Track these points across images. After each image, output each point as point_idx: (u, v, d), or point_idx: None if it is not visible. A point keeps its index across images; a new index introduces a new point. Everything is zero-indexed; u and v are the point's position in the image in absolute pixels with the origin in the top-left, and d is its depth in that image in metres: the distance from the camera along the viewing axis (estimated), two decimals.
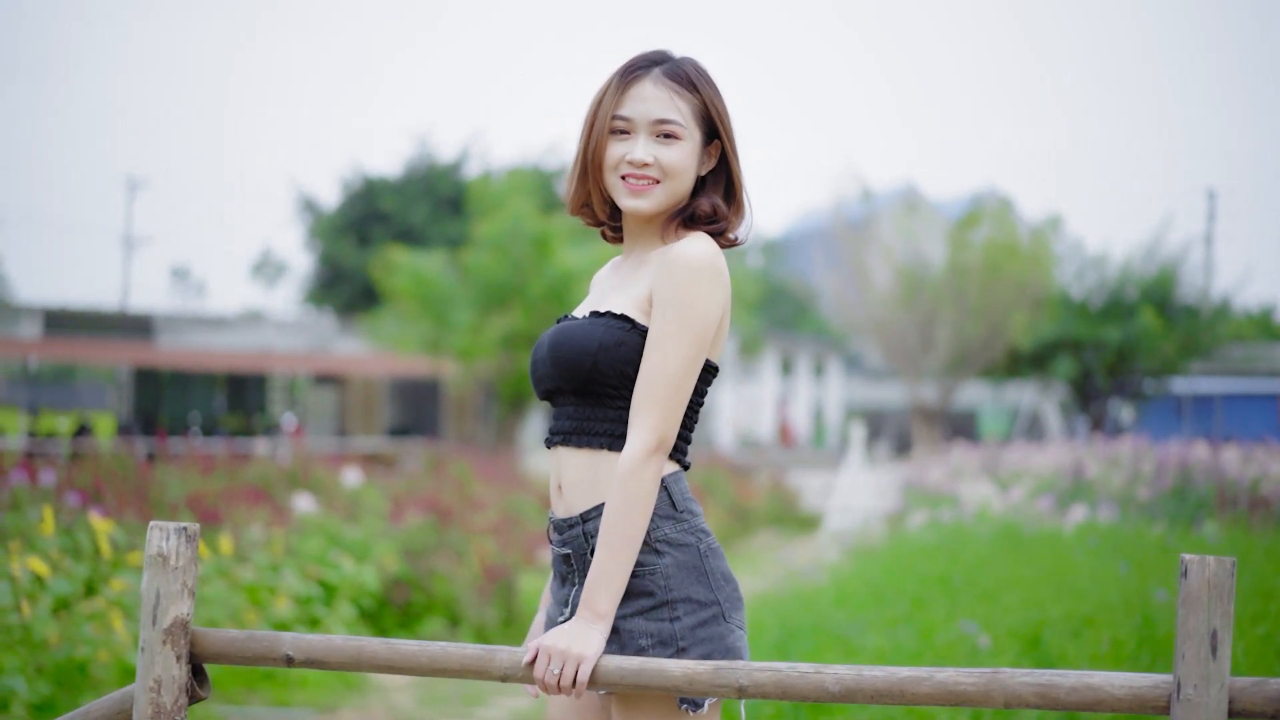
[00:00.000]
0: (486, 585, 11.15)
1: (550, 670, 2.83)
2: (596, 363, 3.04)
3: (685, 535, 3.04)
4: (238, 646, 2.87)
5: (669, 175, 3.11)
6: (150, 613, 2.84)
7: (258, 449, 24.14)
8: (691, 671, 2.76)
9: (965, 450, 24.84)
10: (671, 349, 2.98)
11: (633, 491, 2.92)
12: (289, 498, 12.42)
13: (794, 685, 2.66)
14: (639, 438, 2.95)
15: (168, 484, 12.04)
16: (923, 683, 2.59)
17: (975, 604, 8.28)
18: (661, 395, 2.97)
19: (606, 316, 3.09)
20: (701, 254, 3.03)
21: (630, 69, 3.14)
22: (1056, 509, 16.49)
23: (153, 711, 2.77)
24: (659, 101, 3.10)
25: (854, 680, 2.63)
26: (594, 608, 2.89)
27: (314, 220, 43.25)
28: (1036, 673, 2.56)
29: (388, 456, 29.29)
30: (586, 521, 3.06)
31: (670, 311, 2.99)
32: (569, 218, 27.99)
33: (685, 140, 3.11)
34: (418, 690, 8.93)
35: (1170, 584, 8.50)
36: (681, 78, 3.12)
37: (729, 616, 3.02)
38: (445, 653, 2.83)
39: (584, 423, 3.09)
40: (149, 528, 2.85)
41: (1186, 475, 17.65)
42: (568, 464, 3.12)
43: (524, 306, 27.62)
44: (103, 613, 7.29)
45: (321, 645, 2.83)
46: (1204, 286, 38.31)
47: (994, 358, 34.32)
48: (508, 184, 29.99)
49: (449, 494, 14.59)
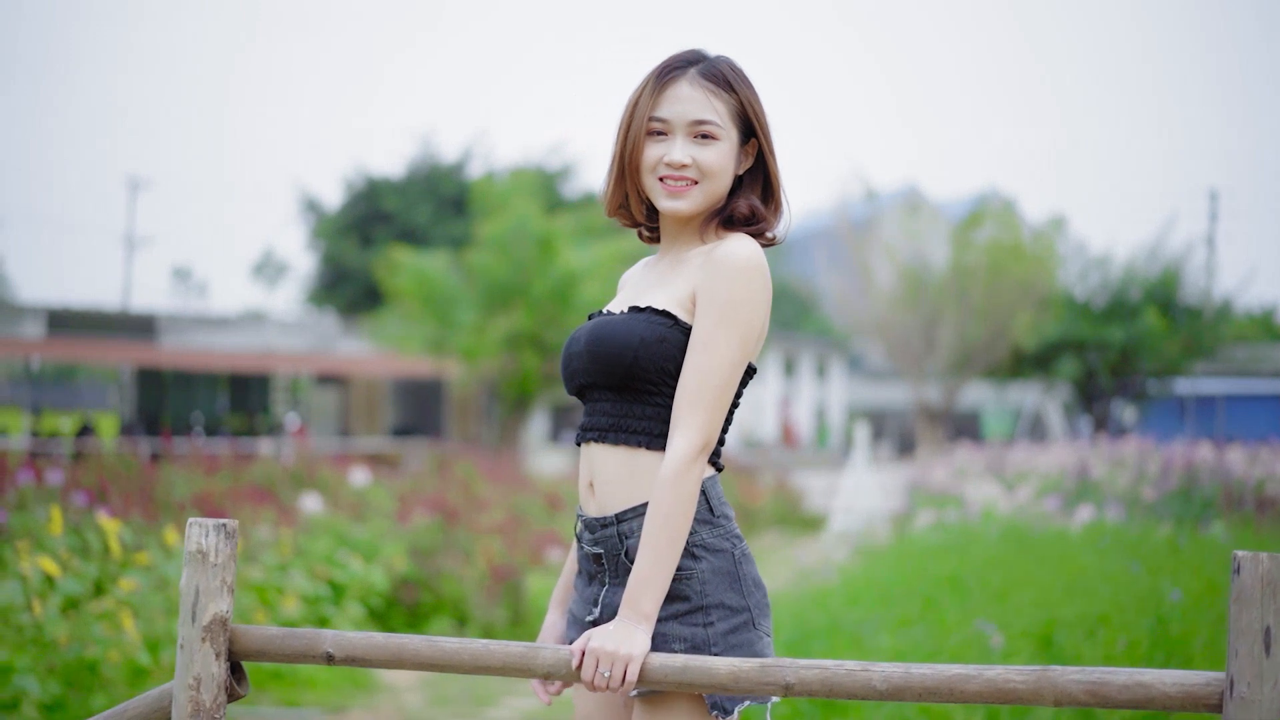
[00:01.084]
0: (494, 585, 11.13)
1: (600, 672, 2.80)
2: (638, 358, 3.00)
3: (721, 540, 3.02)
4: (277, 644, 2.84)
5: (707, 176, 3.08)
6: (189, 610, 2.80)
7: (262, 449, 24.13)
8: (737, 669, 2.73)
9: (970, 451, 24.82)
10: (719, 350, 2.95)
11: (681, 494, 2.89)
12: (294, 498, 12.42)
13: (841, 683, 2.63)
14: (686, 439, 2.91)
15: (173, 484, 12.03)
16: (972, 680, 2.56)
17: (986, 604, 8.25)
18: (708, 396, 2.94)
19: (647, 312, 3.05)
20: (749, 255, 3.00)
21: (666, 70, 3.11)
22: (1063, 509, 16.47)
23: (192, 709, 2.74)
24: (696, 102, 3.07)
25: (902, 678, 2.60)
26: (639, 609, 2.85)
27: (317, 220, 43.24)
28: (1087, 670, 2.52)
29: (391, 457, 29.28)
30: (622, 522, 3.03)
31: (717, 312, 2.96)
32: (572, 218, 28.16)
33: (723, 140, 3.08)
34: (427, 690, 8.90)
35: (1183, 583, 8.46)
36: (718, 78, 3.10)
37: (758, 623, 3.01)
38: (488, 651, 2.80)
39: (621, 419, 3.05)
40: (187, 524, 2.81)
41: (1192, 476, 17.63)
42: (602, 461, 3.08)
43: (527, 306, 27.60)
44: (112, 612, 7.26)
45: (362, 642, 2.80)
46: (1206, 287, 38.28)
47: (997, 358, 34.29)
48: (511, 184, 29.96)
49: (454, 494, 14.58)
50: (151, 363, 34.93)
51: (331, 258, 42.34)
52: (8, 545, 7.72)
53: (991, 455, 22.66)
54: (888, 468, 32.32)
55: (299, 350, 38.35)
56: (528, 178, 30.74)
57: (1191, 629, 7.03)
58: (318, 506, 11.42)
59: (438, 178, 42.17)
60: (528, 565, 12.16)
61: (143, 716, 2.84)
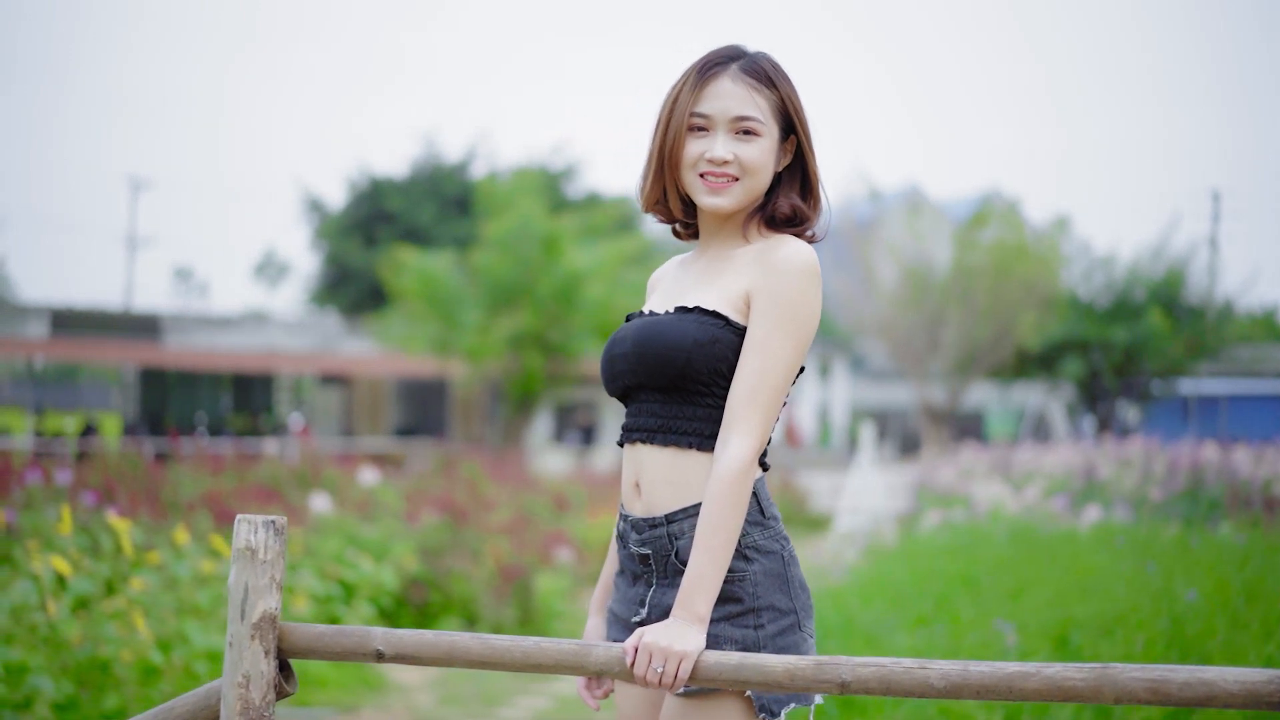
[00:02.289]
0: (503, 585, 11.11)
1: (652, 667, 2.78)
2: (690, 359, 2.98)
3: (771, 542, 3.01)
4: (326, 641, 2.81)
5: (748, 172, 3.06)
6: (238, 607, 2.77)
7: (267, 449, 24.11)
8: (793, 667, 2.70)
9: (975, 451, 24.79)
10: (778, 352, 2.94)
11: (738, 496, 2.87)
12: (300, 498, 12.40)
13: (898, 681, 2.61)
14: (744, 441, 2.90)
15: (180, 484, 12.01)
16: (1030, 678, 2.54)
17: (1000, 603, 8.23)
18: (764, 398, 2.92)
19: (696, 312, 3.03)
20: (808, 259, 3.00)
21: (707, 65, 3.09)
22: (1071, 509, 16.45)
23: (241, 707, 2.71)
24: (737, 98, 3.05)
25: (960, 676, 2.58)
26: (693, 609, 2.83)
27: (320, 221, 43.22)
28: (1148, 668, 2.50)
29: (395, 457, 29.25)
30: (672, 523, 3.00)
31: (777, 314, 2.95)
32: (576, 218, 28.18)
33: (764, 137, 3.06)
34: (437, 690, 8.88)
35: (1196, 583, 8.44)
36: (760, 74, 3.07)
37: (804, 625, 3.01)
38: (539, 648, 2.77)
39: (671, 420, 3.02)
40: (236, 521, 2.79)
41: (1198, 476, 17.62)
42: (649, 462, 3.05)
43: (532, 306, 27.60)
44: (124, 612, 7.24)
45: (413, 640, 2.77)
46: (1209, 287, 38.26)
47: (1002, 358, 34.27)
48: (515, 184, 29.96)
49: (461, 494, 14.56)
50: (155, 363, 34.92)
51: (335, 258, 42.33)
52: (17, 545, 7.71)
53: (997, 455, 22.63)
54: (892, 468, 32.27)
55: (302, 350, 38.33)
56: (531, 178, 30.74)
57: (1208, 628, 7.01)
58: (327, 506, 11.39)
59: (441, 178, 42.16)
60: (536, 565, 12.15)
61: (190, 714, 2.82)
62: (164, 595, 7.77)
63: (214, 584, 8.24)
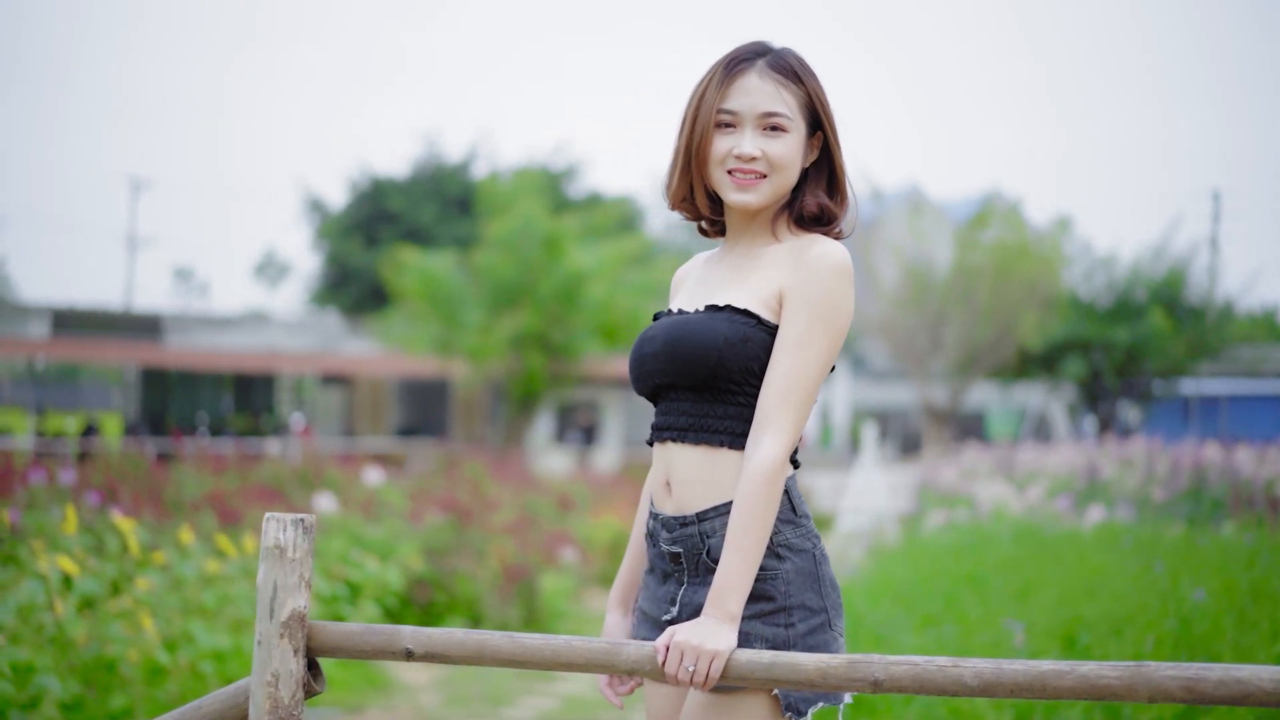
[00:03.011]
0: (507, 585, 11.10)
1: (684, 666, 2.77)
2: (722, 358, 2.97)
3: (803, 540, 3.01)
4: (355, 640, 2.80)
5: (776, 169, 3.05)
6: (267, 605, 2.76)
7: (269, 449, 24.10)
8: (825, 665, 2.69)
9: (977, 451, 24.79)
10: (810, 352, 2.93)
11: (770, 495, 2.86)
12: (303, 497, 12.39)
13: (931, 679, 2.60)
14: (776, 441, 2.89)
15: (183, 484, 12.00)
16: (1065, 676, 2.53)
17: (1007, 603, 8.23)
18: (797, 397, 2.92)
19: (727, 310, 3.03)
20: (842, 259, 3.00)
21: (734, 61, 3.08)
22: (1074, 510, 16.44)
23: (270, 705, 2.70)
24: (765, 94, 3.04)
25: (994, 674, 2.57)
26: (725, 608, 2.83)
27: (321, 220, 43.21)
28: (1182, 666, 2.49)
29: (396, 457, 29.22)
30: (703, 521, 3.00)
31: (812, 314, 2.94)
32: (578, 218, 28.16)
33: (792, 133, 3.05)
34: (443, 690, 8.87)
35: (1203, 583, 8.43)
36: (786, 69, 3.06)
37: (834, 623, 3.01)
38: (570, 647, 2.76)
39: (702, 419, 3.02)
40: (264, 519, 2.79)
41: (1201, 476, 17.63)
42: (680, 461, 3.05)
43: (534, 306, 27.59)
44: (130, 611, 7.23)
45: (442, 639, 2.76)
46: (1209, 288, 38.28)
47: (1003, 358, 34.27)
48: (516, 184, 29.95)
49: (464, 494, 14.54)
50: (156, 363, 34.91)
51: (336, 258, 42.31)
52: (22, 545, 7.71)
53: (999, 455, 22.63)
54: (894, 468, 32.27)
55: (304, 350, 38.32)
56: (532, 178, 30.74)
57: (1216, 629, 7.00)
58: (331, 506, 11.38)
59: (442, 178, 42.14)
60: (541, 565, 12.14)
61: (218, 713, 2.81)
62: (169, 595, 7.77)
63: (219, 584, 8.23)
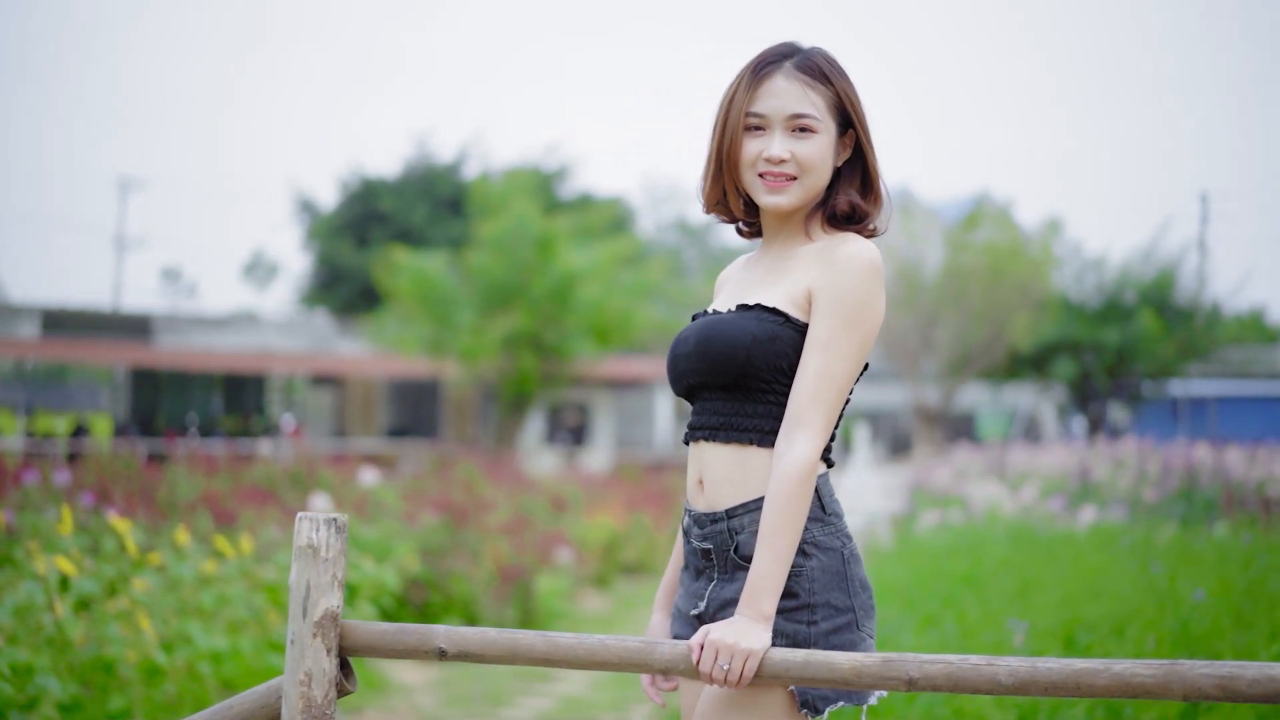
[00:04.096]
0: (503, 586, 11.11)
1: (719, 665, 2.78)
2: (750, 356, 2.99)
3: (832, 539, 3.01)
4: (388, 639, 2.80)
5: (806, 170, 3.06)
6: (300, 605, 2.77)
7: (261, 450, 24.08)
8: (860, 664, 2.70)
9: (969, 452, 24.84)
10: (841, 350, 2.95)
11: (801, 495, 2.88)
12: (295, 498, 12.37)
13: (966, 678, 2.60)
14: (807, 441, 2.91)
15: (175, 485, 11.98)
16: (1099, 675, 2.53)
17: (1007, 604, 8.24)
18: (829, 397, 2.94)
19: (757, 310, 3.04)
20: (871, 257, 3.01)
21: (762, 64, 3.09)
22: (1067, 510, 16.47)
23: (303, 705, 2.70)
24: (793, 96, 3.04)
25: (1028, 673, 2.57)
26: (759, 608, 2.83)
27: (312, 221, 43.17)
28: (1217, 664, 2.49)
29: (387, 457, 29.21)
30: (732, 518, 3.01)
31: (841, 312, 2.96)
32: (570, 218, 28.19)
33: (821, 134, 3.06)
34: (441, 691, 8.87)
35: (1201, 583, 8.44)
36: (814, 70, 3.07)
37: (861, 624, 3.01)
38: (604, 646, 2.76)
39: (732, 418, 3.04)
40: (297, 519, 2.79)
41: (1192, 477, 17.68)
42: (712, 459, 3.06)
43: (526, 307, 27.60)
44: (128, 612, 7.22)
45: (476, 638, 2.76)
46: (1197, 289, 38.41)
47: (994, 359, 34.35)
48: (508, 184, 29.97)
49: (458, 495, 14.53)
50: (147, 363, 34.87)
51: (327, 258, 42.27)
52: (17, 545, 7.69)
53: (991, 456, 22.68)
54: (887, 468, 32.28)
55: (294, 351, 38.29)
56: (524, 178, 30.76)
57: (1215, 628, 7.02)
58: (326, 507, 11.37)
59: (434, 178, 42.11)
60: (536, 566, 12.13)
61: (250, 712, 2.81)
62: (166, 596, 7.75)
63: (216, 585, 8.22)
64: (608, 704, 8.66)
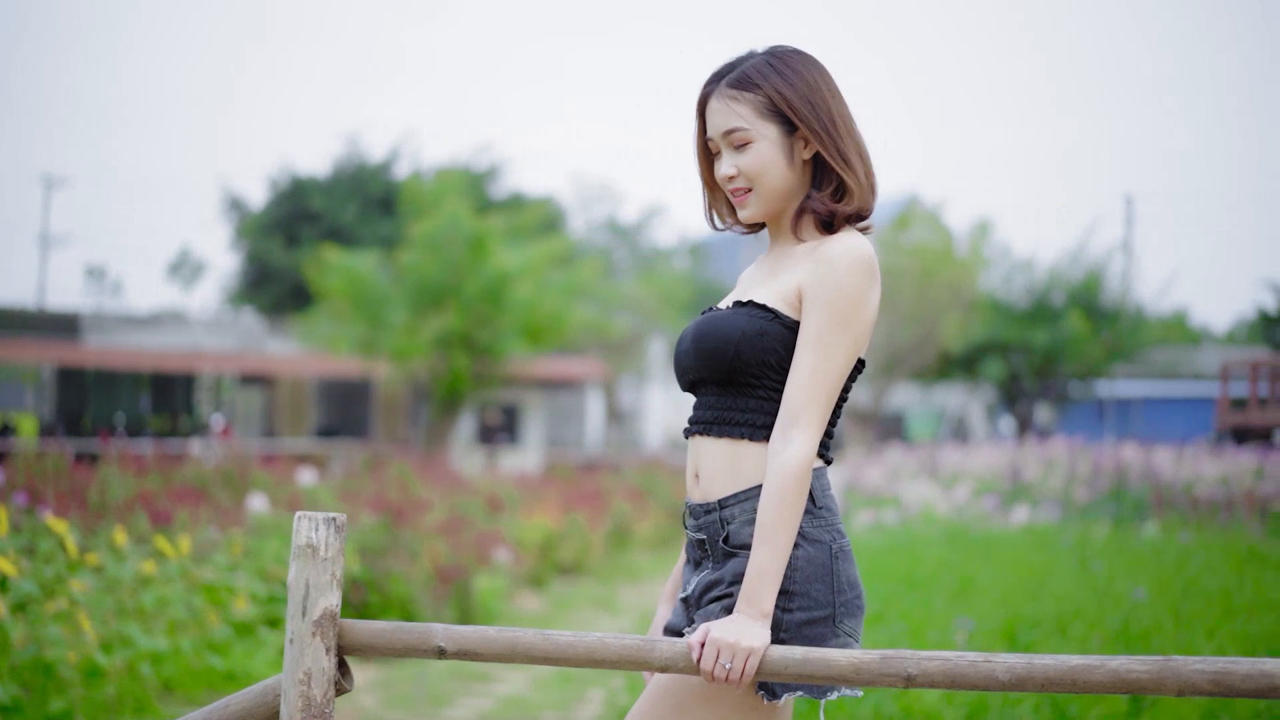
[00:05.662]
0: (441, 586, 11.07)
1: (720, 663, 2.81)
2: (739, 351, 3.05)
3: (821, 532, 3.04)
4: (386, 638, 2.80)
5: (754, 179, 3.14)
6: (299, 604, 2.77)
7: (191, 450, 23.85)
8: (859, 661, 2.72)
9: (901, 452, 24.99)
10: (830, 347, 2.99)
11: (797, 492, 2.92)
12: (229, 498, 12.27)
13: (964, 674, 2.62)
14: (802, 438, 2.95)
15: (108, 484, 11.84)
16: (1095, 671, 2.56)
17: (948, 603, 8.30)
18: (821, 395, 2.98)
19: (749, 306, 3.10)
20: (860, 253, 3.05)
21: (702, 90, 3.22)
22: (1000, 510, 16.62)
23: (303, 704, 2.70)
24: (722, 114, 3.14)
25: (1025, 669, 2.59)
26: (758, 606, 2.87)
27: (240, 219, 42.86)
28: (1210, 660, 2.53)
29: (318, 457, 29.01)
30: (724, 508, 3.06)
31: (829, 310, 3.00)
32: (503, 218, 28.10)
33: (757, 140, 3.12)
34: (382, 691, 8.83)
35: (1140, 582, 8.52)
36: (740, 80, 3.14)
37: (839, 622, 3.02)
38: (603, 644, 2.77)
39: (724, 413, 3.09)
40: (295, 518, 2.79)
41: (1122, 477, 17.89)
42: (706, 453, 3.12)
43: (459, 307, 27.53)
44: (67, 613, 7.14)
45: (475, 636, 2.76)
46: (1122, 291, 38.85)
47: (925, 360, 34.59)
48: (439, 184, 29.90)
49: (394, 495, 14.45)
50: (74, 362, 34.51)
51: (256, 257, 41.99)
52: None
53: (923, 456, 22.83)
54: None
55: (223, 350, 38.01)
56: (455, 178, 30.69)
57: (1156, 625, 7.09)
58: (263, 507, 11.29)
59: (364, 177, 41.92)
60: (474, 566, 12.09)
61: (247, 711, 2.80)
62: (104, 597, 7.68)
63: (156, 585, 8.14)
64: (550, 704, 8.65)
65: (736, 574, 3.01)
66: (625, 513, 18.82)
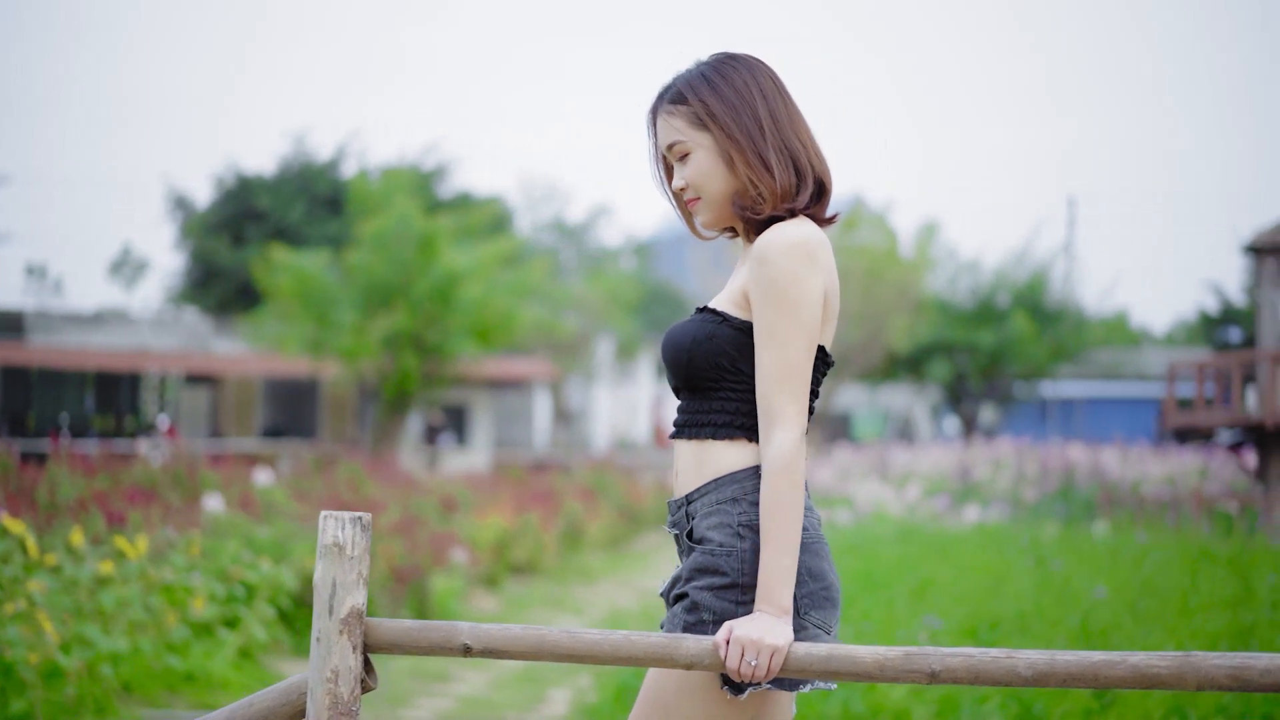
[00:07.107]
0: (397, 586, 11.04)
1: (746, 661, 2.84)
2: (691, 358, 3.13)
3: None
4: (413, 636, 2.82)
5: (698, 188, 3.20)
6: (326, 602, 2.78)
7: (138, 450, 23.66)
8: (883, 658, 2.74)
9: (851, 452, 25.11)
10: (783, 337, 3.02)
11: (791, 483, 2.96)
12: (179, 498, 12.18)
13: (986, 670, 2.65)
14: (784, 432, 2.99)
15: (57, 485, 11.73)
16: (1116, 666, 2.60)
17: (908, 602, 8.35)
18: (789, 385, 3.01)
19: (704, 312, 3.18)
20: (790, 238, 3.07)
21: (650, 108, 3.29)
22: (951, 509, 16.72)
23: (330, 702, 2.72)
24: (664, 129, 3.23)
25: (1047, 665, 2.63)
26: (776, 602, 2.91)
27: (185, 218, 42.53)
28: (1229, 656, 2.57)
29: (266, 457, 28.84)
30: (691, 502, 3.13)
31: (770, 301, 3.04)
32: (452, 218, 28.04)
33: (694, 150, 3.19)
34: None
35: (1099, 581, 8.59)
36: (674, 96, 3.23)
37: (804, 613, 3.04)
38: (629, 641, 2.79)
39: (693, 415, 3.17)
40: (321, 517, 2.81)
41: (1069, 477, 18.04)
42: (680, 454, 3.20)
43: (408, 306, 27.45)
44: (26, 613, 7.09)
45: (500, 634, 2.78)
46: (1065, 293, 39.16)
47: (872, 361, 34.75)
48: (386, 183, 29.82)
49: (345, 495, 14.40)
50: (17, 361, 34.20)
51: (201, 255, 41.66)
52: None
53: (873, 456, 22.95)
54: None
55: (169, 350, 37.73)
56: (403, 177, 30.62)
57: (1115, 623, 7.16)
58: (219, 507, 11.22)
59: (311, 176, 41.68)
60: (430, 566, 12.06)
61: (271, 709, 2.81)
62: (62, 598, 7.62)
63: (114, 586, 8.08)
64: (509, 704, 8.65)
65: (694, 568, 3.05)
66: (577, 513, 18.83)
